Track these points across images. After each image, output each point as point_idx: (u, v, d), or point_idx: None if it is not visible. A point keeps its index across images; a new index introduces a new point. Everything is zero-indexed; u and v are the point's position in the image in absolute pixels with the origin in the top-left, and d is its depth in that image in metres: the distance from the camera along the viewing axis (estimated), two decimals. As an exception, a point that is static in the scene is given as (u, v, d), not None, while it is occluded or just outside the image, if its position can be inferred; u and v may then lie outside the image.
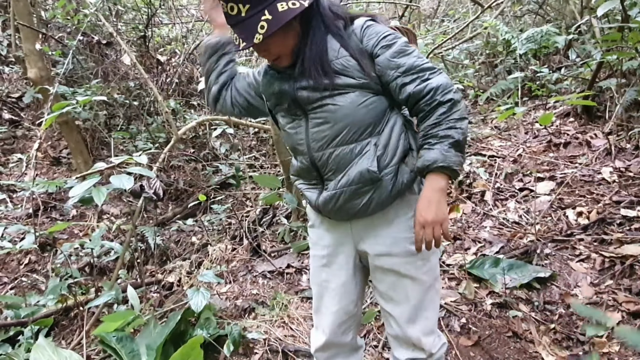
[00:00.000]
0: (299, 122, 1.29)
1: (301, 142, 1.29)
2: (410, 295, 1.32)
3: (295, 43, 1.21)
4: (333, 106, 1.22)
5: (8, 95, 5.06)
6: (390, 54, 1.19)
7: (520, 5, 6.18)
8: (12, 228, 2.46)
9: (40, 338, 1.89)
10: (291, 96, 1.26)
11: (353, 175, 1.22)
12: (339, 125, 1.22)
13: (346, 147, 1.23)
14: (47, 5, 5.43)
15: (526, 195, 3.12)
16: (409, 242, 1.28)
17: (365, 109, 1.22)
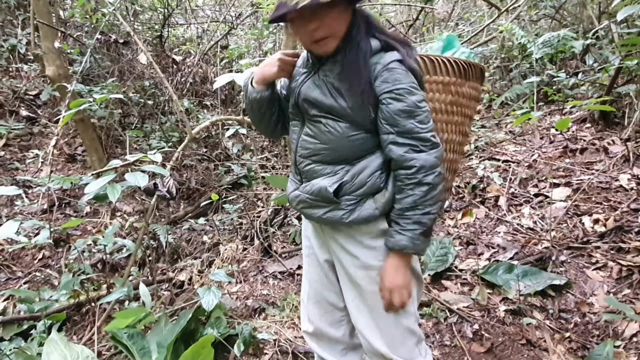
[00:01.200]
0: (297, 124, 1.32)
1: (293, 142, 1.33)
2: (373, 307, 1.29)
3: (345, 29, 1.16)
4: (324, 127, 1.22)
5: (26, 92, 5.14)
6: (395, 109, 1.13)
7: (537, 10, 6.11)
8: (27, 223, 2.49)
9: (52, 332, 1.90)
10: (295, 99, 1.28)
11: (314, 188, 1.25)
12: (322, 145, 1.24)
13: (320, 165, 1.26)
14: (66, 4, 5.52)
15: (541, 201, 3.08)
16: (370, 259, 1.26)
17: (350, 143, 1.21)
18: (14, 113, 4.84)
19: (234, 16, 5.46)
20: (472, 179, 3.51)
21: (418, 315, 1.38)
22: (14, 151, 4.46)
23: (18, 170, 4.19)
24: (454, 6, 8.23)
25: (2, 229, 1.96)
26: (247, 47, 5.81)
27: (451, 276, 2.55)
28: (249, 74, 1.64)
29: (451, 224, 3.14)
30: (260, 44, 6.00)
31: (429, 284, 2.50)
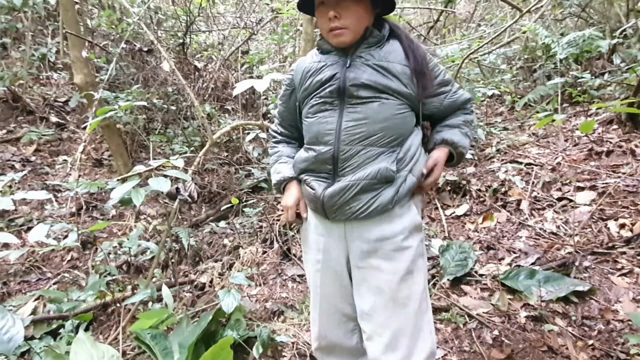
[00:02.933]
0: (332, 112, 1.29)
1: (329, 132, 1.29)
2: (392, 318, 1.27)
3: (365, 26, 1.27)
4: (378, 106, 1.26)
5: (55, 99, 5.34)
6: (443, 78, 1.38)
7: (561, 9, 5.98)
8: (57, 226, 2.59)
9: (80, 332, 1.97)
10: (339, 84, 1.27)
11: (370, 170, 1.26)
12: (377, 126, 1.26)
13: (376, 149, 1.26)
14: (93, 14, 5.71)
15: (565, 205, 3.01)
16: (396, 246, 1.29)
17: (400, 120, 1.29)
18: (44, 119, 5.03)
19: (254, 22, 5.54)
20: (493, 182, 3.46)
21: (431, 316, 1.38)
22: (44, 156, 4.63)
23: (48, 174, 4.35)
24: (476, 7, 8.13)
25: (34, 232, 2.05)
26: (268, 52, 5.89)
27: (471, 281, 2.52)
28: (269, 81, 1.71)
29: (471, 228, 3.10)
30: (280, 48, 6.07)
31: (448, 288, 2.48)
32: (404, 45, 1.30)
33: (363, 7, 1.23)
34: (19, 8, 4.55)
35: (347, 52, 1.31)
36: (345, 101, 1.27)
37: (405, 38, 1.32)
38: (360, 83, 1.25)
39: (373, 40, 1.29)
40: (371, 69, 1.26)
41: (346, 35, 1.24)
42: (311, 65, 1.36)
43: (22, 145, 4.59)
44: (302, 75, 1.38)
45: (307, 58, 1.42)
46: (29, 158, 4.47)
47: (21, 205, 3.81)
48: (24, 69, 4.99)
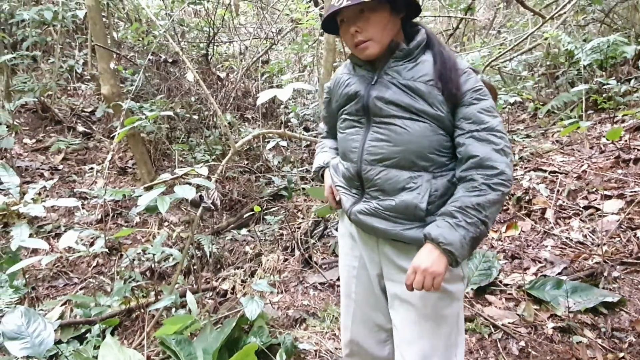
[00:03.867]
0: (359, 130, 1.28)
1: (354, 150, 1.27)
2: (424, 335, 1.24)
3: (390, 38, 1.21)
4: (400, 128, 1.19)
5: (82, 109, 5.50)
6: (479, 107, 1.15)
7: (584, 14, 5.89)
8: (84, 232, 2.66)
9: (107, 336, 2.02)
10: (363, 102, 1.25)
11: (398, 203, 1.19)
12: (399, 148, 1.19)
13: (398, 171, 1.20)
14: (119, 27, 5.88)
15: (592, 214, 2.95)
16: None
17: (429, 142, 1.18)
18: (72, 129, 5.18)
19: (274, 32, 5.63)
20: (517, 191, 3.41)
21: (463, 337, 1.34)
22: (72, 164, 4.76)
23: (75, 182, 4.47)
24: (495, 14, 8.08)
25: (64, 238, 2.11)
26: (287, 61, 5.96)
27: (495, 291, 2.48)
28: (291, 91, 1.74)
29: (495, 237, 3.06)
30: (300, 58, 6.14)
31: (472, 298, 2.44)
32: (434, 53, 1.21)
33: (383, 16, 1.18)
34: (49, 22, 4.72)
35: (376, 67, 1.26)
36: (371, 120, 1.24)
37: (437, 45, 1.23)
38: (383, 102, 1.20)
39: (400, 54, 1.21)
40: (395, 87, 1.20)
41: (372, 47, 1.20)
42: (342, 76, 1.35)
43: (50, 154, 4.73)
44: (336, 85, 1.37)
45: (342, 68, 1.41)
46: (57, 166, 4.61)
47: (50, 213, 3.92)
48: (53, 80, 5.16)
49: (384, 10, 1.18)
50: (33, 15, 4.48)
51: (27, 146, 4.76)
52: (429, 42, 1.23)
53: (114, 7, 5.62)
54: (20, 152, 4.61)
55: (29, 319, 1.87)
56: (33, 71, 5.45)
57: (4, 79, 4.53)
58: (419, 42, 1.22)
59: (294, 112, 5.00)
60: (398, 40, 1.23)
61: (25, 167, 4.37)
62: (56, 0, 5.09)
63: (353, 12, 1.18)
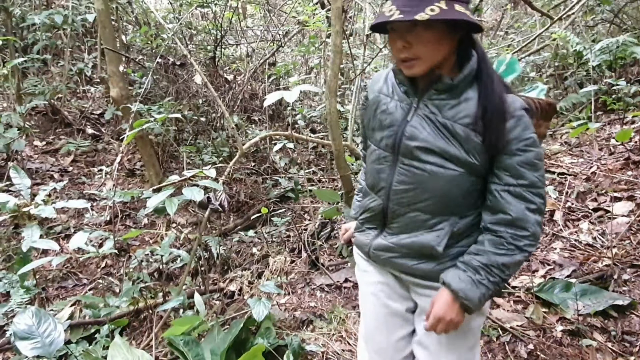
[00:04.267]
0: (386, 165, 1.19)
1: (383, 186, 1.20)
2: (449, 350, 1.23)
3: (441, 58, 1.07)
4: (429, 175, 1.10)
5: (91, 112, 5.56)
6: (521, 160, 1.05)
7: (593, 15, 5.85)
8: (94, 234, 2.69)
9: (116, 337, 2.03)
10: (395, 139, 1.15)
11: (415, 243, 1.17)
12: (427, 194, 1.13)
13: (426, 215, 1.15)
14: (127, 30, 5.94)
15: (601, 216, 2.92)
16: None
17: (459, 190, 1.11)
18: (81, 131, 5.24)
19: (281, 34, 5.65)
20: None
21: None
22: (81, 166, 4.81)
23: (84, 184, 4.52)
24: (503, 15, 8.05)
25: (73, 239, 2.13)
26: (294, 63, 5.98)
27: (503, 293, 2.47)
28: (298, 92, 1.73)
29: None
30: (306, 60, 6.16)
31: (480, 300, 2.43)
32: (480, 89, 1.07)
33: (438, 34, 1.03)
34: (59, 26, 4.78)
35: (417, 91, 1.15)
36: (399, 159, 1.15)
37: (486, 79, 1.08)
38: (416, 145, 1.11)
39: (442, 87, 1.09)
40: (433, 126, 1.09)
41: (418, 66, 1.06)
42: (381, 96, 1.23)
43: (60, 156, 4.79)
44: (374, 102, 1.25)
45: (382, 77, 1.28)
46: (67, 168, 4.66)
47: (60, 214, 3.96)
48: (62, 83, 5.22)
49: (439, 29, 1.03)
50: (44, 19, 4.54)
51: (37, 148, 4.82)
52: (479, 74, 1.08)
53: (123, 11, 5.68)
54: (30, 154, 4.67)
55: (39, 319, 1.89)
56: (43, 74, 5.52)
57: (15, 82, 4.59)
58: (466, 76, 1.07)
59: (301, 114, 5.02)
60: (447, 62, 1.10)
61: (35, 169, 4.42)
62: (66, 4, 5.15)
63: (404, 25, 1.04)
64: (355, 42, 6.19)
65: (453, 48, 1.08)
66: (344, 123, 4.52)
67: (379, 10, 1.19)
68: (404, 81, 1.16)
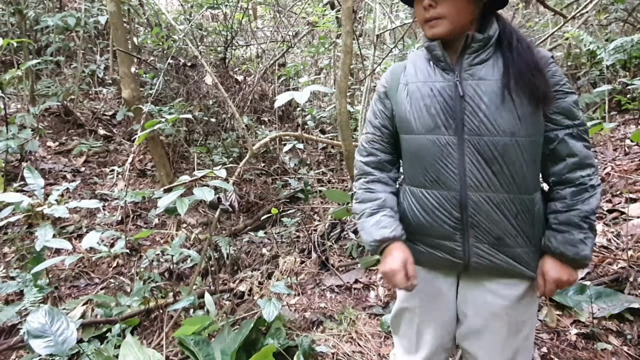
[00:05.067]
0: (448, 148, 1.11)
1: (452, 175, 1.12)
2: (504, 341, 1.21)
3: (465, 22, 1.09)
4: (501, 148, 1.07)
5: (103, 113, 5.62)
6: (572, 101, 1.10)
7: (607, 14, 5.77)
8: (106, 233, 2.71)
9: (128, 336, 2.05)
10: (455, 118, 1.10)
11: (505, 258, 1.14)
12: (500, 168, 1.09)
13: (508, 195, 1.11)
14: (139, 32, 5.99)
15: (616, 218, 2.87)
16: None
17: (530, 165, 1.11)
18: (93, 132, 5.30)
19: (291, 35, 5.66)
20: (537, 194, 3.34)
21: None
22: (93, 167, 4.87)
23: (96, 184, 4.56)
24: (514, 14, 7.97)
25: (86, 239, 2.15)
26: (304, 64, 5.98)
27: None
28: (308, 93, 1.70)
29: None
30: (316, 60, 6.16)
31: (492, 302, 2.40)
32: (510, 49, 1.08)
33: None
34: (72, 28, 4.84)
35: (453, 64, 1.13)
36: (466, 140, 1.11)
37: (513, 37, 1.10)
38: (480, 116, 1.08)
39: (477, 45, 1.09)
40: (488, 93, 1.08)
41: (442, 25, 1.07)
42: (408, 77, 1.20)
43: (72, 156, 4.84)
44: (402, 87, 1.20)
45: (401, 67, 1.24)
46: (79, 169, 4.71)
47: (72, 214, 4.00)
48: (75, 84, 5.29)
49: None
50: (57, 22, 4.60)
51: (50, 149, 4.88)
52: (504, 34, 1.11)
53: (134, 13, 5.74)
54: (44, 154, 4.73)
55: (52, 317, 1.91)
56: (56, 76, 5.59)
57: (29, 83, 4.66)
58: (494, 31, 1.10)
59: (311, 114, 5.02)
60: (470, 28, 1.11)
61: (48, 170, 4.48)
62: (79, 7, 5.22)
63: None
64: (365, 42, 6.17)
65: (476, 14, 1.10)
66: (354, 123, 4.51)
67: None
68: (439, 56, 1.13)
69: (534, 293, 1.20)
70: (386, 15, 4.50)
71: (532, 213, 1.13)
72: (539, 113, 1.08)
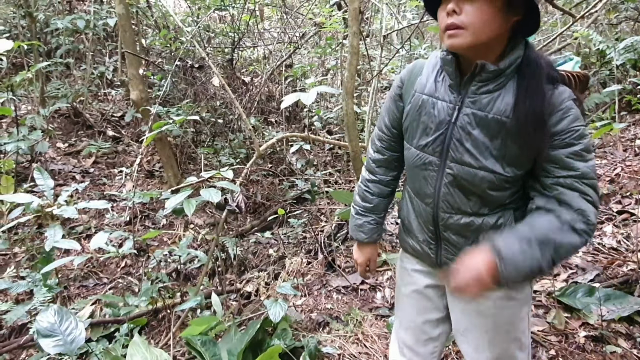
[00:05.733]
0: (430, 167, 1.15)
1: (429, 193, 1.17)
2: (491, 340, 1.23)
3: (488, 37, 0.99)
4: (479, 179, 1.07)
5: (112, 114, 5.67)
6: (569, 152, 1.01)
7: (617, 13, 5.70)
8: (114, 234, 2.74)
9: (135, 336, 2.06)
10: (443, 142, 1.10)
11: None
12: (472, 198, 1.11)
13: (478, 218, 1.13)
14: (148, 34, 6.04)
15: (626, 219, 2.84)
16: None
17: (503, 192, 1.10)
18: (102, 133, 5.34)
19: (298, 36, 5.67)
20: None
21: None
22: (102, 168, 4.91)
23: (105, 185, 4.61)
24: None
25: (94, 239, 2.17)
26: (311, 65, 5.99)
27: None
28: (315, 94, 1.72)
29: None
30: (323, 61, 6.16)
31: (499, 304, 2.38)
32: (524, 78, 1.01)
33: (493, 7, 0.95)
34: (82, 30, 4.90)
35: (460, 85, 1.08)
36: (447, 164, 1.12)
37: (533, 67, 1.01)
38: (466, 146, 1.07)
39: (486, 75, 1.03)
40: (482, 125, 1.05)
41: (462, 37, 0.98)
42: (425, 86, 1.16)
43: (82, 157, 4.89)
44: (417, 97, 1.17)
45: (422, 70, 1.19)
46: (88, 169, 4.76)
47: (81, 214, 4.04)
48: (84, 86, 5.34)
49: (496, 2, 0.96)
50: (67, 24, 4.65)
51: (60, 150, 4.93)
52: (526, 67, 1.02)
53: (143, 15, 5.78)
54: (53, 155, 4.78)
55: (61, 317, 1.93)
56: (66, 78, 5.65)
57: (40, 85, 4.71)
58: (512, 62, 1.02)
59: (318, 115, 5.02)
60: (493, 49, 1.03)
61: (58, 170, 4.53)
62: (88, 9, 5.27)
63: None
64: (372, 43, 6.17)
65: (503, 32, 1.00)
66: (361, 124, 4.51)
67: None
68: (451, 73, 1.09)
69: (519, 295, 1.21)
70: (393, 16, 4.49)
71: (503, 227, 1.12)
72: (530, 158, 1.04)
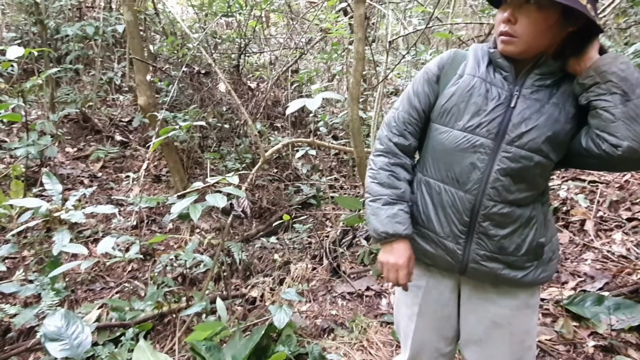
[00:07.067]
0: (482, 150, 1.08)
1: (474, 179, 1.09)
2: (507, 351, 1.21)
3: (542, 47, 1.03)
4: (533, 164, 1.06)
5: (120, 119, 5.72)
6: None
7: (626, 17, 5.66)
8: (121, 238, 2.75)
9: (141, 340, 2.07)
10: (500, 124, 1.07)
11: (525, 244, 1.11)
12: (522, 185, 1.08)
13: (517, 209, 1.10)
14: (155, 40, 6.10)
15: (636, 226, 2.80)
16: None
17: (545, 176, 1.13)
18: (110, 138, 5.39)
19: (304, 42, 5.69)
20: (554, 201, 3.29)
21: None
22: (109, 172, 4.95)
23: (112, 189, 4.64)
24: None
25: (101, 244, 2.19)
26: (317, 70, 6.01)
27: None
28: (320, 100, 1.71)
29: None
30: (329, 67, 6.18)
31: (506, 312, 2.36)
32: None
33: (548, 19, 0.98)
34: (91, 37, 4.96)
35: (516, 77, 1.09)
36: (502, 147, 1.08)
37: None
38: (526, 128, 1.06)
39: (546, 70, 1.05)
40: (543, 111, 1.06)
41: (515, 45, 1.02)
42: (475, 69, 1.12)
43: (90, 162, 4.94)
44: (467, 77, 1.13)
45: (467, 57, 1.17)
46: (96, 174, 4.80)
47: (89, 219, 4.07)
48: (93, 92, 5.40)
49: (553, 14, 0.98)
50: (76, 31, 4.72)
51: (69, 155, 4.98)
52: None
53: (150, 22, 5.84)
54: (62, 160, 4.83)
55: (68, 321, 1.94)
56: (75, 83, 5.72)
57: (49, 91, 4.77)
58: (562, 66, 1.06)
59: (323, 120, 5.03)
60: (548, 52, 1.05)
61: (67, 175, 4.57)
62: (97, 16, 5.34)
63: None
64: (377, 48, 6.17)
65: (557, 41, 1.03)
66: (366, 130, 4.50)
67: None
68: (505, 67, 1.09)
69: (533, 301, 1.20)
70: (399, 21, 4.50)
71: (540, 222, 1.13)
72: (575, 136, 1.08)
